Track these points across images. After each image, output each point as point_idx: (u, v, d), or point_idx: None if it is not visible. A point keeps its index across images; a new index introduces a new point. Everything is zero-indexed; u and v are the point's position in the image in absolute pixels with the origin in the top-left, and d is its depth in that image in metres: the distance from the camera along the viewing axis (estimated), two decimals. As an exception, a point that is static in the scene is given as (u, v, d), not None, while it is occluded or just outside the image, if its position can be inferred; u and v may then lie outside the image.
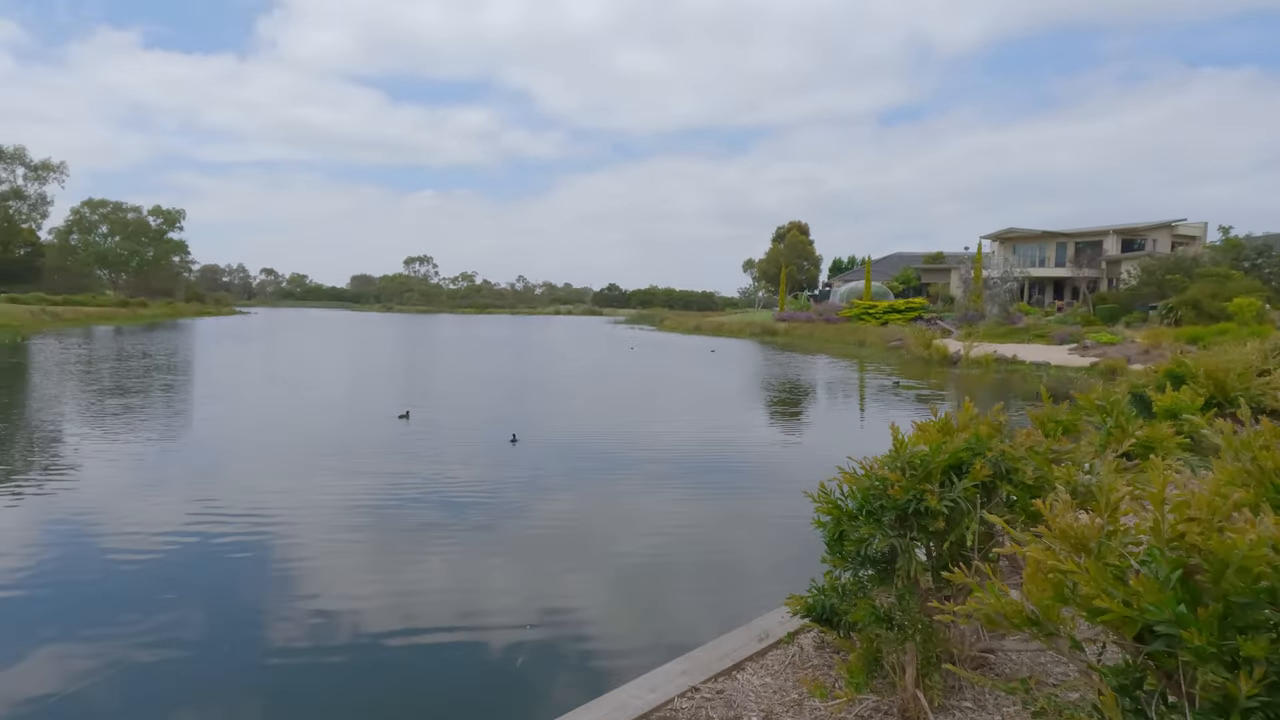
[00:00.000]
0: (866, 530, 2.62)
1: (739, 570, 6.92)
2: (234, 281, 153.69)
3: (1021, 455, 2.64)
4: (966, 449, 2.64)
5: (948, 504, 2.51)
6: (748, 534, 8.07)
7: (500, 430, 13.02)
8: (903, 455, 2.73)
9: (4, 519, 7.79)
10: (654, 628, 5.50)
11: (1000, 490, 2.61)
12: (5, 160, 62.96)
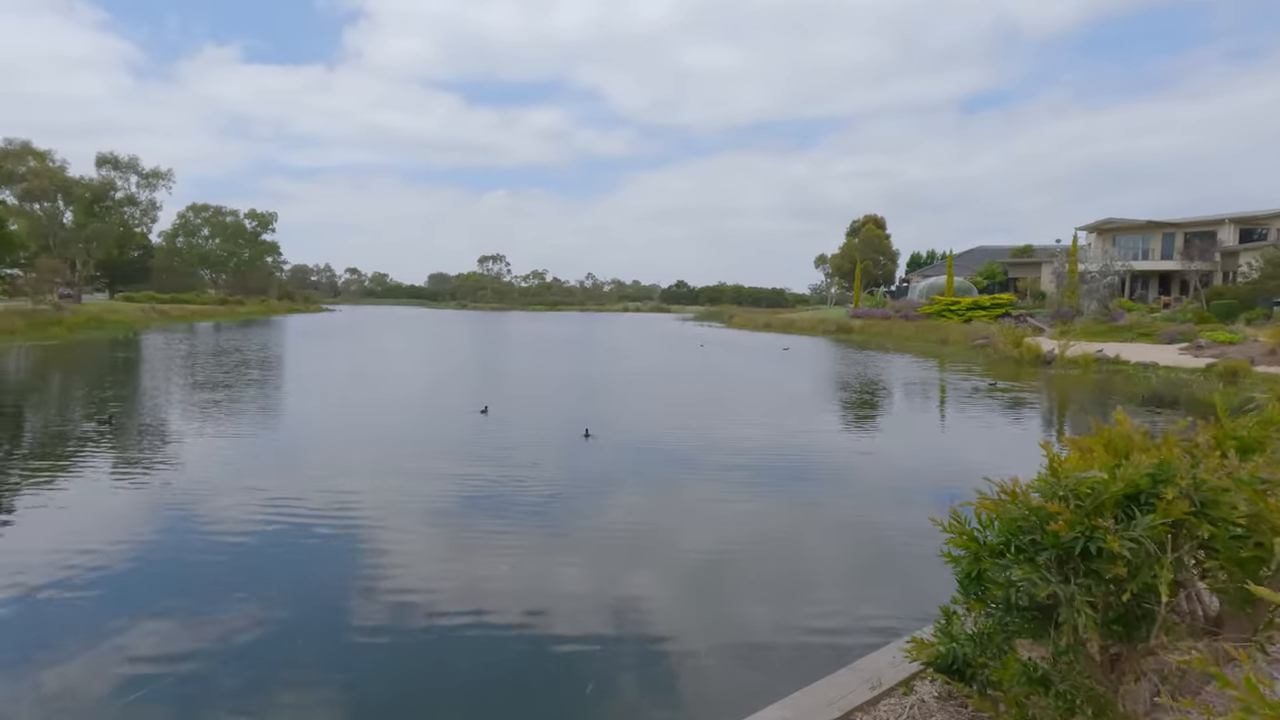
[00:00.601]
0: (1021, 574, 2.14)
1: (819, 586, 6.44)
2: (321, 280, 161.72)
3: (1224, 485, 2.10)
4: (1150, 476, 2.12)
5: (1129, 545, 2.00)
6: (830, 547, 7.53)
7: (572, 426, 13.01)
8: (1064, 481, 2.23)
9: (119, 501, 8.30)
10: (731, 647, 5.14)
11: (1198, 529, 2.08)
12: (121, 169, 68.10)
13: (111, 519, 7.67)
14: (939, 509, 8.92)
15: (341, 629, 5.22)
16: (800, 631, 5.40)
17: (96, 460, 10.22)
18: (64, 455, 10.48)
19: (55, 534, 7.05)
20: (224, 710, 4.19)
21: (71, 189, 61.77)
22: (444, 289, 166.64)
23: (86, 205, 63.31)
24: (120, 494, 8.69)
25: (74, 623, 5.19)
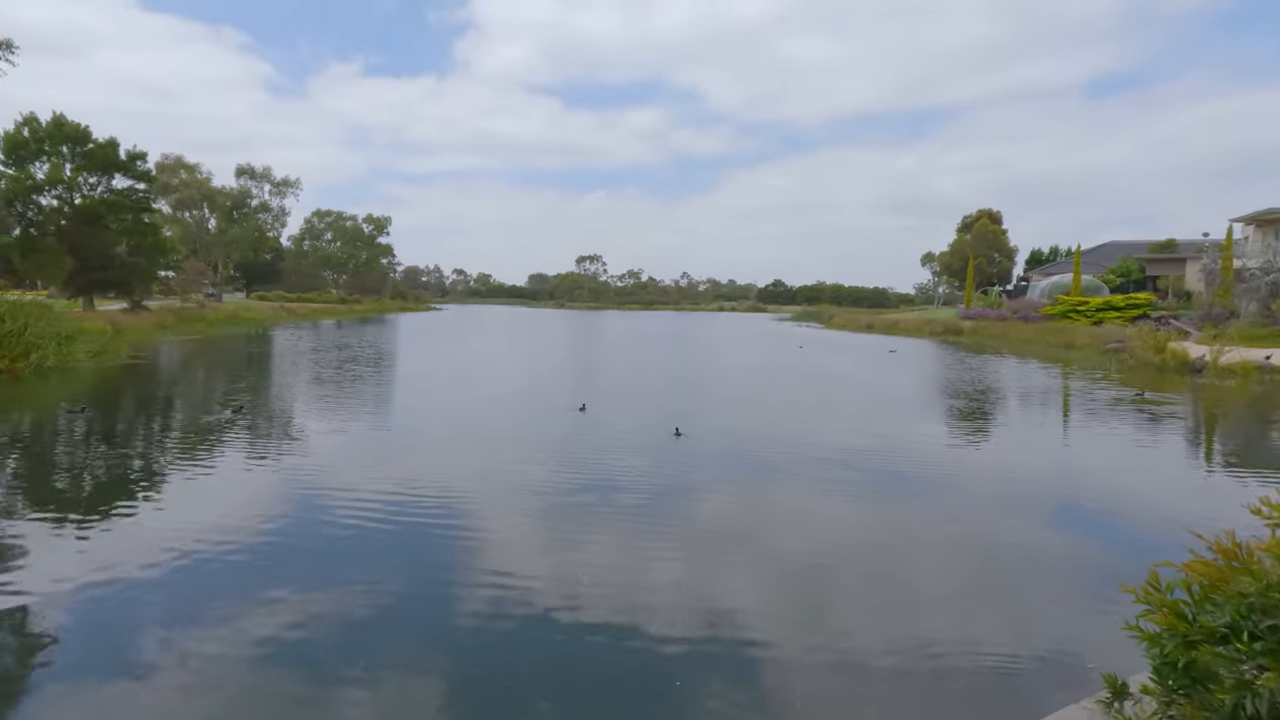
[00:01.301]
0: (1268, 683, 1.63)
1: (921, 600, 5.91)
2: (430, 281, 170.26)
3: None
4: None
5: None
6: (934, 560, 6.87)
7: (667, 425, 12.89)
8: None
9: (251, 481, 8.94)
10: (824, 657, 4.85)
11: None
12: (256, 179, 74.37)
13: (245, 497, 8.27)
14: (1065, 529, 8.03)
15: (443, 610, 5.44)
16: (899, 646, 5.00)
17: (231, 445, 11.02)
18: (204, 439, 11.37)
19: (199, 509, 7.75)
20: (335, 673, 4.48)
21: (215, 198, 68.01)
22: (543, 289, 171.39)
23: (227, 213, 69.51)
24: (252, 475, 9.35)
25: (213, 587, 5.75)
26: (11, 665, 4.66)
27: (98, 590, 5.65)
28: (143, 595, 5.61)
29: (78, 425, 12.37)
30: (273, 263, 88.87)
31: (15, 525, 7.17)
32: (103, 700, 4.22)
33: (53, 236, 35.73)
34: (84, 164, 37.09)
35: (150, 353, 26.08)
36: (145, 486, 8.77)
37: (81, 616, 5.22)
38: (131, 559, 6.27)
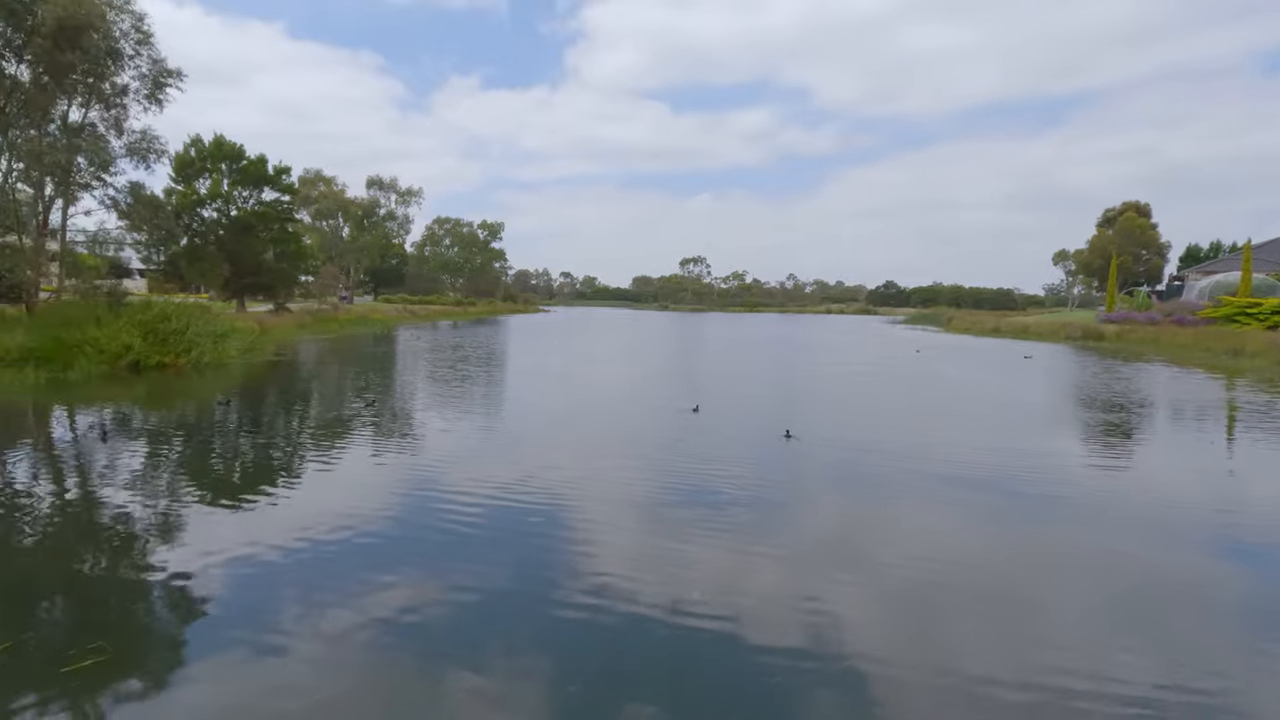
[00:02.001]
0: None
1: (1052, 627, 5.30)
2: (539, 283, 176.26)
3: None
4: None
5: None
6: (1069, 584, 6.09)
7: (775, 428, 12.54)
8: None
9: (375, 474, 9.36)
10: (941, 680, 4.50)
11: None
12: (384, 190, 79.79)
13: (368, 487, 8.71)
14: (1224, 561, 6.93)
15: (546, 606, 5.51)
16: (1024, 678, 4.55)
17: (356, 437, 11.73)
18: (335, 431, 12.19)
19: (328, 495, 8.27)
20: (446, 657, 4.70)
21: (348, 208, 73.54)
22: (647, 291, 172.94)
23: (359, 221, 74.98)
24: (375, 467, 9.84)
25: (339, 568, 6.16)
26: (173, 629, 5.12)
27: (242, 565, 6.14)
28: (279, 572, 6.07)
29: (226, 416, 13.55)
30: (397, 267, 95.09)
31: (178, 504, 7.88)
32: (245, 664, 4.57)
33: (213, 245, 39.77)
34: (239, 179, 41.07)
35: (290, 350, 28.41)
36: (283, 473, 9.43)
37: (229, 588, 5.70)
38: (270, 538, 6.78)
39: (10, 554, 6.39)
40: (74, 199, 24.90)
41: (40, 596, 5.50)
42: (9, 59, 21.51)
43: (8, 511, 7.53)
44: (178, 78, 24.82)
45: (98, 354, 18.46)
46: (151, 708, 4.11)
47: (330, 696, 4.21)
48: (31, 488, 8.50)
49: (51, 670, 4.32)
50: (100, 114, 24.17)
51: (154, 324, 20.37)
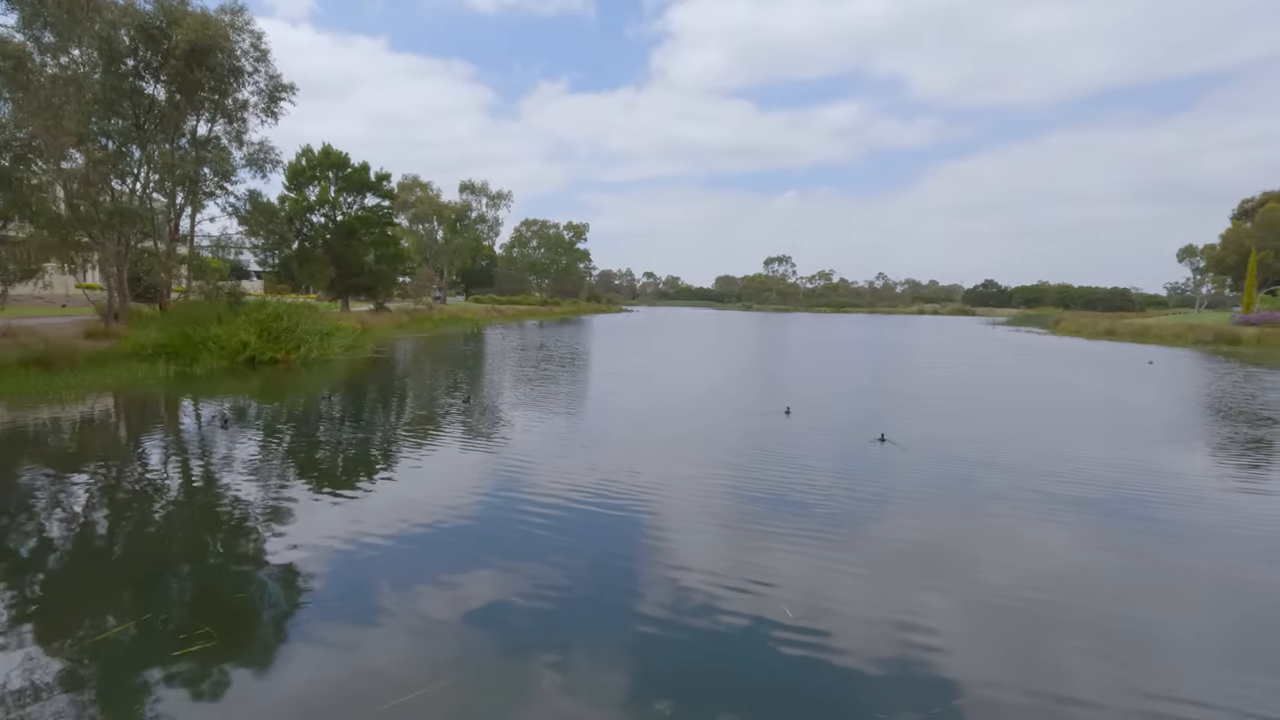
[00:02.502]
0: None
1: (1170, 653, 4.77)
2: (622, 284, 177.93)
3: None
4: None
5: None
6: (1189, 608, 5.40)
7: (868, 431, 12.13)
8: None
9: (465, 467, 9.61)
10: (1043, 703, 4.20)
11: None
12: (476, 194, 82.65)
13: (458, 479, 8.95)
14: None
15: (627, 603, 5.54)
16: (1138, 705, 4.24)
17: (448, 431, 12.12)
18: (428, 424, 12.64)
19: (422, 485, 8.58)
20: (531, 644, 4.85)
21: (442, 212, 76.61)
22: (730, 291, 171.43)
23: (452, 224, 77.99)
24: (465, 460, 10.13)
25: (432, 554, 6.47)
26: (275, 614, 5.37)
27: (341, 553, 6.42)
28: (379, 555, 6.37)
29: (329, 410, 14.29)
30: (487, 268, 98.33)
31: (285, 492, 8.33)
32: (350, 638, 4.85)
33: (320, 248, 42.35)
34: (344, 186, 43.55)
35: (388, 348, 29.82)
36: (380, 465, 9.82)
37: (328, 575, 5.96)
38: (370, 524, 7.10)
39: (138, 537, 6.91)
40: (200, 207, 27.10)
41: (158, 579, 5.90)
42: (148, 80, 23.61)
43: (139, 496, 8.17)
44: (290, 91, 26.51)
45: (219, 350, 19.98)
46: (253, 691, 4.29)
47: (420, 683, 4.30)
48: (161, 473, 9.21)
49: (164, 653, 4.60)
50: (223, 127, 26.18)
51: (268, 322, 21.85)
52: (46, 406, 13.29)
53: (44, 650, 4.58)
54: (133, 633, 4.84)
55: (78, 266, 24.09)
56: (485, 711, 4.10)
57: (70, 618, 5.03)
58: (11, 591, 5.43)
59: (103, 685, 4.22)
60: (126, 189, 23.89)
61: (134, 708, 4.02)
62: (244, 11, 24.63)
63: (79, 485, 8.34)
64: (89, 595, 5.43)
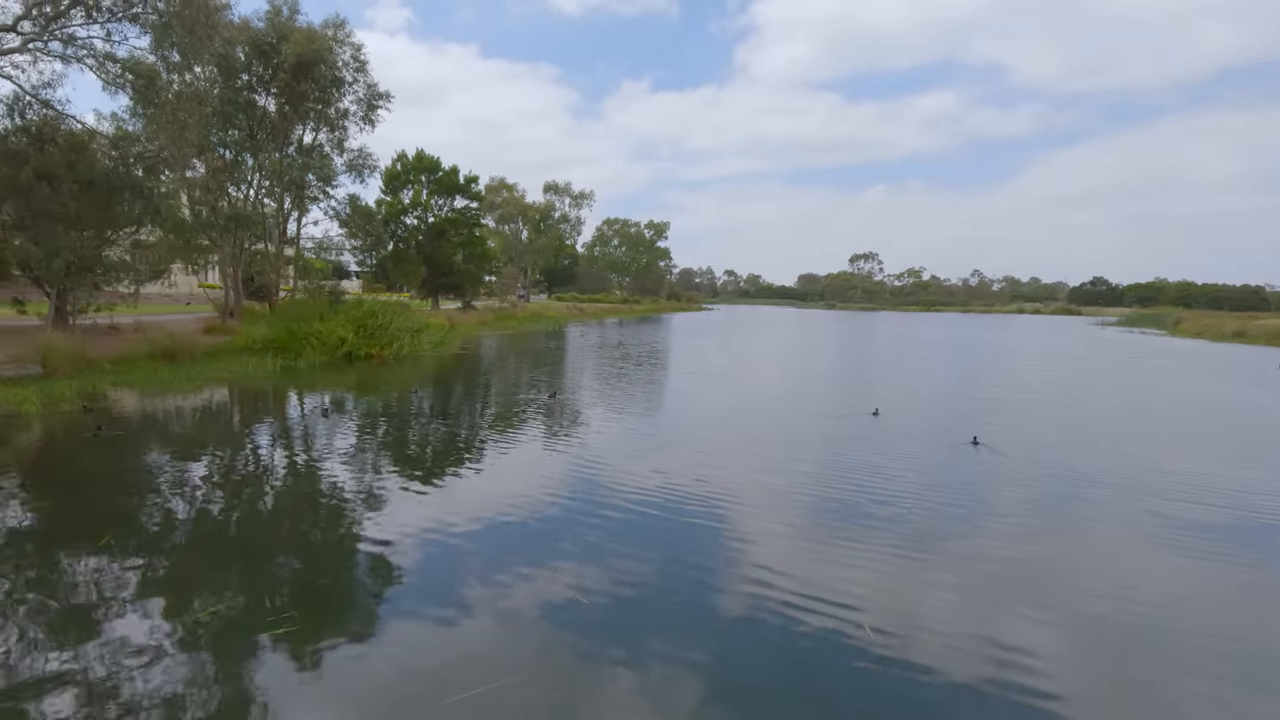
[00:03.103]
0: None
1: None
2: (703, 282, 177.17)
3: None
4: None
5: None
6: None
7: (960, 434, 11.58)
8: None
9: (545, 462, 9.75)
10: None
11: None
12: (559, 194, 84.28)
13: (538, 473, 9.07)
14: None
15: (700, 604, 5.49)
16: None
17: (529, 426, 12.35)
18: (510, 420, 12.95)
19: (503, 479, 8.73)
20: (605, 639, 4.91)
21: (527, 212, 78.56)
22: (812, 289, 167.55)
23: (536, 224, 79.84)
24: (545, 455, 10.25)
25: (513, 547, 6.57)
26: (366, 594, 5.61)
27: (428, 540, 6.66)
28: (463, 546, 6.56)
29: (419, 403, 14.86)
30: (569, 267, 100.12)
31: (377, 481, 8.70)
32: (433, 626, 5.01)
33: (413, 249, 44.27)
34: (435, 189, 45.35)
35: (474, 344, 30.82)
36: (466, 457, 10.11)
37: (413, 563, 6.17)
38: (453, 516, 7.30)
39: (241, 520, 7.36)
40: (305, 210, 28.86)
41: (255, 561, 6.25)
42: (260, 93, 25.34)
43: (245, 481, 8.75)
44: (386, 99, 27.83)
45: (320, 345, 21.20)
46: (324, 676, 4.44)
47: (499, 672, 4.37)
48: (266, 460, 9.83)
49: (251, 633, 4.84)
50: (326, 135, 27.76)
51: (364, 320, 23.01)
52: (170, 396, 14.47)
53: (148, 620, 4.93)
54: (226, 611, 5.13)
55: (199, 267, 26.19)
56: (555, 709, 4.10)
57: (176, 592, 5.40)
58: (131, 563, 5.90)
59: (189, 660, 4.48)
60: (241, 195, 25.75)
61: (214, 684, 4.26)
62: (345, 25, 26.05)
63: (195, 469, 9.00)
64: (195, 572, 5.82)
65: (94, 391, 13.91)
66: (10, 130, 17.09)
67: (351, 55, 26.27)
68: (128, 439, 10.44)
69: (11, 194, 16.57)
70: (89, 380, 14.89)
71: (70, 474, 8.65)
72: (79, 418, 11.64)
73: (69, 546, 6.18)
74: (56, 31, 16.11)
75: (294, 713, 4.00)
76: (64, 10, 15.84)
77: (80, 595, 5.29)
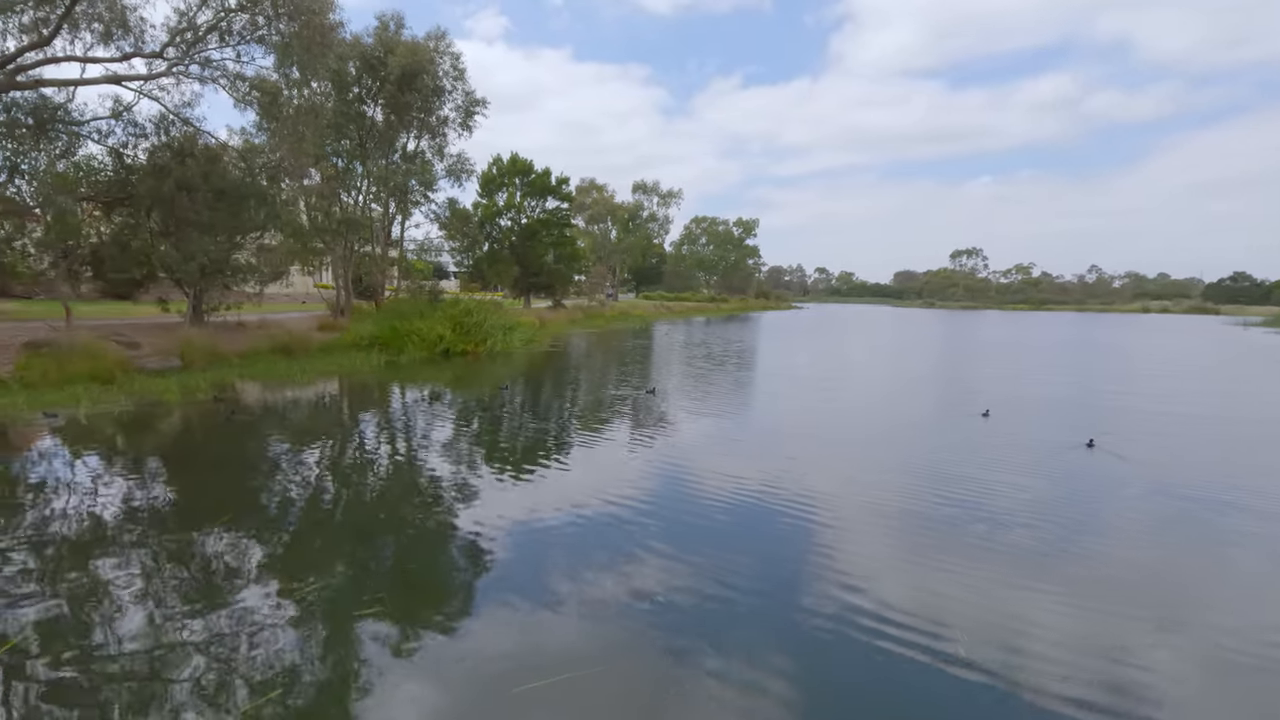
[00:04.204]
0: None
1: None
2: (793, 280, 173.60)
3: None
4: None
5: None
6: None
7: (1074, 442, 10.79)
8: None
9: (633, 457, 9.86)
10: None
11: None
12: (647, 193, 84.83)
13: (626, 469, 9.17)
14: None
15: (787, 609, 5.36)
16: None
17: (620, 422, 12.51)
18: (598, 415, 13.16)
19: (591, 473, 8.89)
20: (690, 638, 4.86)
21: (616, 212, 79.54)
22: (909, 287, 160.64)
23: (624, 224, 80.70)
24: (633, 451, 10.32)
25: (599, 539, 6.67)
26: (461, 576, 5.90)
27: (518, 528, 6.89)
28: (551, 537, 6.74)
29: (510, 398, 15.35)
30: (657, 266, 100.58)
31: (470, 471, 9.07)
32: (514, 613, 5.18)
33: (506, 250, 45.80)
34: (528, 191, 46.70)
35: (563, 342, 31.53)
36: (554, 450, 10.36)
37: (507, 547, 6.43)
38: (544, 507, 7.52)
39: (345, 504, 7.86)
40: (408, 214, 30.44)
41: (354, 543, 6.64)
42: (369, 104, 26.94)
43: (351, 468, 9.33)
44: (483, 105, 28.92)
45: (420, 341, 22.32)
46: (419, 652, 4.67)
47: (574, 662, 4.47)
48: (370, 449, 10.44)
49: (344, 612, 5.14)
50: (427, 142, 29.17)
51: (460, 318, 24.04)
52: (288, 387, 15.65)
53: (261, 593, 5.35)
54: (328, 589, 5.50)
55: (315, 269, 28.15)
56: (625, 702, 4.14)
57: (285, 568, 5.84)
58: (249, 540, 6.42)
59: (296, 632, 4.83)
60: (351, 201, 27.48)
61: (315, 655, 4.57)
62: (445, 36, 27.26)
63: (307, 455, 9.69)
64: (302, 551, 6.28)
65: (224, 383, 15.26)
66: (157, 146, 18.99)
67: (451, 64, 27.46)
68: (251, 426, 11.38)
69: (158, 203, 18.41)
70: (220, 373, 16.34)
71: (202, 457, 9.53)
72: (211, 407, 12.79)
73: (199, 523, 6.80)
74: (195, 55, 17.76)
75: (382, 685, 4.25)
76: (202, 36, 17.44)
77: (207, 568, 5.82)
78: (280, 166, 20.47)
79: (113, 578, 5.53)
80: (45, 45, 15.30)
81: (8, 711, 3.90)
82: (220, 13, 17.10)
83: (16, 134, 16.48)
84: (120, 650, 4.50)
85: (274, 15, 17.29)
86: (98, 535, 6.44)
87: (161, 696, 4.06)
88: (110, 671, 4.27)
